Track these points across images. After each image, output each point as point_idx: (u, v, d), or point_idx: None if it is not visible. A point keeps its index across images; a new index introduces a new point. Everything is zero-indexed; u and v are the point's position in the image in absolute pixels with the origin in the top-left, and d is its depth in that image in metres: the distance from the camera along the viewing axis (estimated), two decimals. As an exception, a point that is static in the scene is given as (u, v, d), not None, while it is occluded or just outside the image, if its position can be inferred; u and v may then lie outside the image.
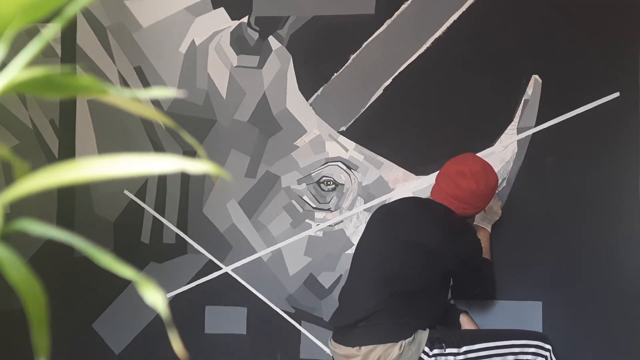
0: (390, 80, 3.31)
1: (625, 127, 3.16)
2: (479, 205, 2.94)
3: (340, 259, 3.33)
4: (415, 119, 3.30)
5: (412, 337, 2.73)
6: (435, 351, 2.76)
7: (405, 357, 2.72)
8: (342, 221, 3.33)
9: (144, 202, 3.45)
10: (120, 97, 0.71)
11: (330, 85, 3.35)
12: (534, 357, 2.88)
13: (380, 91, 3.31)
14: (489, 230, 3.18)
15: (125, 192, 3.45)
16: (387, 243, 2.85)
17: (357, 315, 2.78)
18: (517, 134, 3.24)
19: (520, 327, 3.13)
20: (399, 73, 3.30)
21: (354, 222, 3.34)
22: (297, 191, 3.38)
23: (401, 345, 2.71)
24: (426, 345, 2.75)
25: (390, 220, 2.92)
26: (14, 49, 0.70)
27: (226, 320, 3.40)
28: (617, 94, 3.16)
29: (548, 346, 2.91)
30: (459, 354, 2.80)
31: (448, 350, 2.79)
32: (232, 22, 3.42)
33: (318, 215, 3.35)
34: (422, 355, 2.75)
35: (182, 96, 3.37)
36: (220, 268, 3.41)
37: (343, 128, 3.34)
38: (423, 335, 2.77)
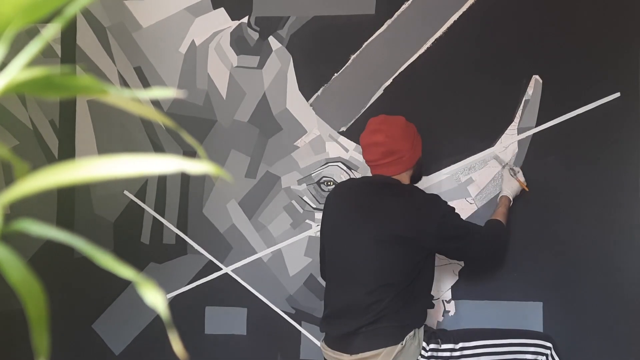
0: (390, 80, 3.31)
1: (626, 127, 3.16)
2: (406, 148, 2.81)
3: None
4: (416, 120, 3.29)
5: (413, 332, 2.73)
6: (432, 346, 2.75)
7: (407, 353, 2.71)
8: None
9: (144, 202, 3.45)
10: (120, 97, 0.71)
11: (330, 86, 3.35)
12: (534, 356, 2.87)
13: (380, 91, 3.31)
14: (511, 199, 3.11)
15: (125, 192, 3.45)
16: (367, 245, 2.75)
17: (358, 323, 2.73)
18: (518, 134, 3.24)
19: (521, 327, 3.13)
20: (399, 73, 3.30)
21: (354, 223, 3.33)
22: (297, 191, 3.38)
23: (404, 342, 2.71)
24: (424, 340, 2.75)
25: (357, 217, 2.81)
26: (14, 49, 0.70)
27: (226, 321, 3.40)
28: (617, 94, 3.16)
29: (549, 344, 2.90)
30: (454, 349, 2.79)
31: (444, 346, 2.78)
32: (232, 22, 3.42)
33: (318, 215, 3.35)
34: (421, 351, 2.74)
35: (182, 96, 3.37)
36: (221, 269, 3.41)
37: (343, 128, 3.34)
38: (421, 329, 2.76)
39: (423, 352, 2.74)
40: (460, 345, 2.79)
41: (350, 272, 2.80)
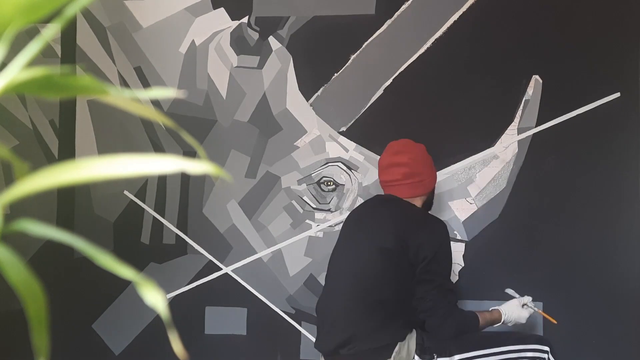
0: (390, 80, 3.30)
1: (625, 127, 3.16)
2: (427, 172, 2.84)
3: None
4: (416, 120, 3.30)
5: (398, 347, 2.68)
6: None
7: None
8: (342, 222, 3.32)
9: (144, 202, 3.45)
10: (120, 98, 0.71)
11: (330, 86, 3.35)
12: None
13: (380, 91, 3.31)
14: (503, 319, 2.87)
15: (125, 192, 3.45)
16: (355, 254, 2.77)
17: (335, 341, 2.72)
18: (518, 134, 3.24)
19: (520, 328, 3.12)
20: (399, 73, 3.30)
21: (354, 223, 3.33)
22: (297, 192, 3.38)
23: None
24: (416, 353, 2.70)
25: (357, 229, 2.85)
26: (14, 49, 0.70)
27: (226, 321, 3.40)
28: (617, 94, 3.16)
29: (546, 347, 2.87)
30: None
31: None
32: (232, 22, 3.42)
33: (318, 215, 3.35)
34: None
35: (182, 96, 3.37)
36: (221, 269, 3.41)
37: (343, 128, 3.34)
38: (412, 342, 2.70)
39: None
40: (457, 358, 2.73)
41: (334, 285, 2.82)
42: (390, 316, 2.70)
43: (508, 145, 3.24)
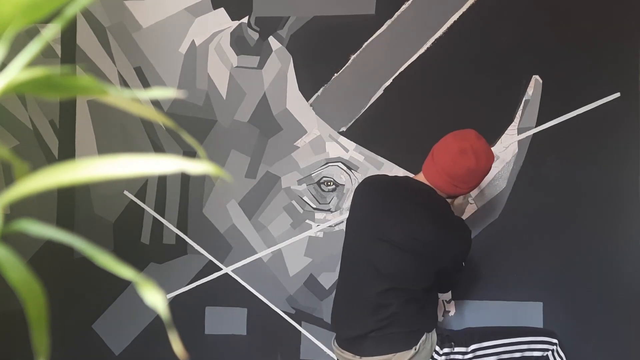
0: (390, 80, 3.31)
1: (625, 127, 3.17)
2: (472, 185, 2.75)
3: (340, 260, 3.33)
4: (416, 119, 3.30)
5: (425, 337, 2.73)
6: (445, 350, 2.76)
7: (420, 357, 2.72)
8: (342, 222, 3.33)
9: (144, 202, 3.45)
10: (120, 98, 0.71)
11: (330, 86, 3.35)
12: (542, 352, 2.90)
13: (380, 91, 3.31)
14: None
15: (125, 192, 3.45)
16: (386, 248, 2.72)
17: (366, 326, 2.72)
18: (518, 134, 3.24)
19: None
20: (399, 73, 3.30)
21: (354, 223, 3.32)
22: (297, 192, 3.38)
23: (417, 347, 2.71)
24: (437, 343, 2.76)
25: (382, 221, 2.75)
26: (14, 49, 0.70)
27: (226, 321, 3.40)
28: (617, 94, 3.16)
29: (555, 340, 2.93)
30: (467, 352, 2.80)
31: (457, 349, 2.79)
32: (232, 22, 3.42)
33: (318, 215, 3.35)
34: (433, 354, 2.75)
35: (182, 97, 3.37)
36: (221, 269, 3.41)
37: (343, 128, 3.34)
38: (433, 333, 2.77)
39: (436, 357, 2.74)
40: (472, 347, 2.81)
41: (364, 271, 2.78)
42: (423, 304, 2.76)
43: (508, 145, 3.24)
